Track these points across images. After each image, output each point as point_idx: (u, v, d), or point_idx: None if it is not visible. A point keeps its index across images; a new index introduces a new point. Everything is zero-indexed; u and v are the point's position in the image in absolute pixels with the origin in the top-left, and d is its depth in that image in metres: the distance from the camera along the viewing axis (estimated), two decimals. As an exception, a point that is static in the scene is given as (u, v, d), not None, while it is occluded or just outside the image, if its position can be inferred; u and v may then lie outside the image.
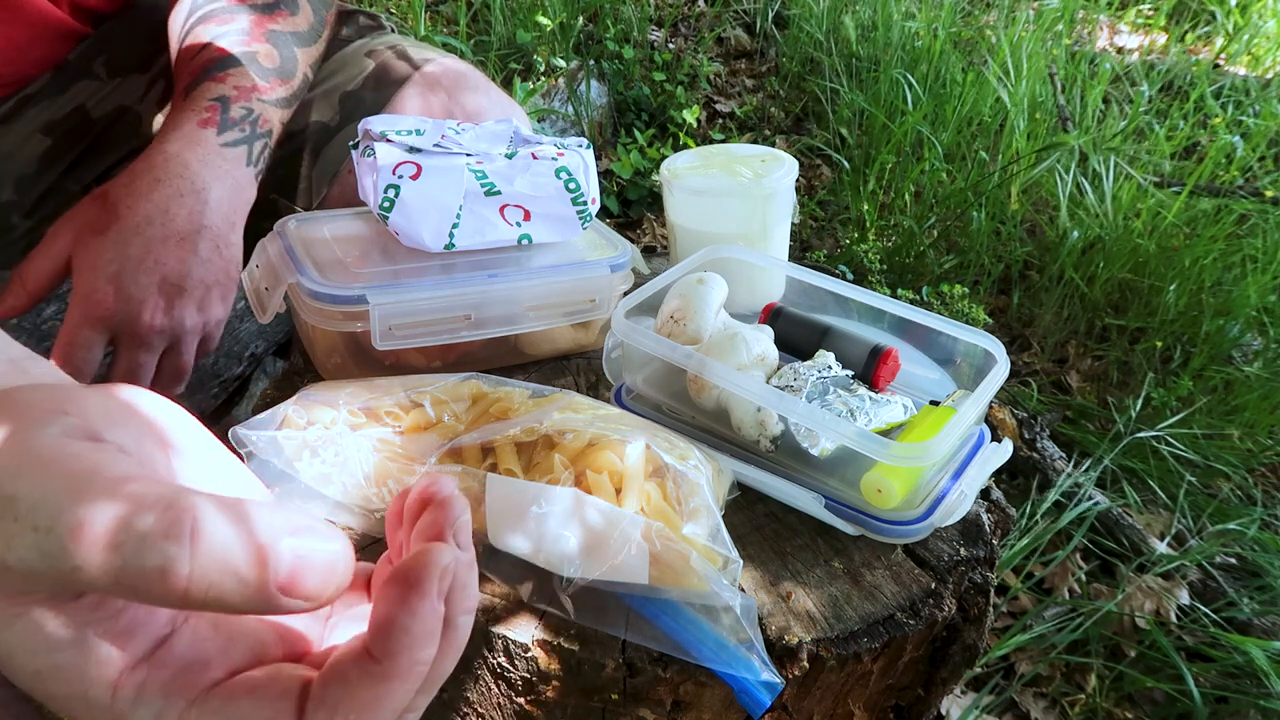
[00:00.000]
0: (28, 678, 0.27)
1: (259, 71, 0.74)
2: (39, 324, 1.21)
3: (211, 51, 0.74)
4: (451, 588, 0.28)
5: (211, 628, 0.30)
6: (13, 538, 0.25)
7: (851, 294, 0.71)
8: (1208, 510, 1.42)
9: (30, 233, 0.87)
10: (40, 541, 0.25)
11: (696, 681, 0.50)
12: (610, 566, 0.49)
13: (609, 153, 2.20)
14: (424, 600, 0.27)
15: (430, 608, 0.27)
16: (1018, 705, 1.16)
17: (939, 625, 0.56)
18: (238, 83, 0.72)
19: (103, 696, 0.27)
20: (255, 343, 1.48)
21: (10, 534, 0.25)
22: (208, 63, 0.73)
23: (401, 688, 0.27)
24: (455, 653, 0.30)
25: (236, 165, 0.71)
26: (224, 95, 0.71)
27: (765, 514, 0.61)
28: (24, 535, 0.25)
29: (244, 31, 0.75)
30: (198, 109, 0.70)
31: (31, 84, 0.85)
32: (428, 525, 0.30)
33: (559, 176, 0.73)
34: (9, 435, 0.27)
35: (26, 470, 0.26)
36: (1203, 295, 1.79)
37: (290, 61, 0.77)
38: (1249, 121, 2.34)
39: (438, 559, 0.28)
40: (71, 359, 0.63)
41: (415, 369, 0.70)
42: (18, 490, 0.26)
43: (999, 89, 2.13)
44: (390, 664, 0.27)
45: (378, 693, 0.27)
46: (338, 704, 0.27)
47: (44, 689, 0.27)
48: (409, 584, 0.27)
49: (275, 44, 0.77)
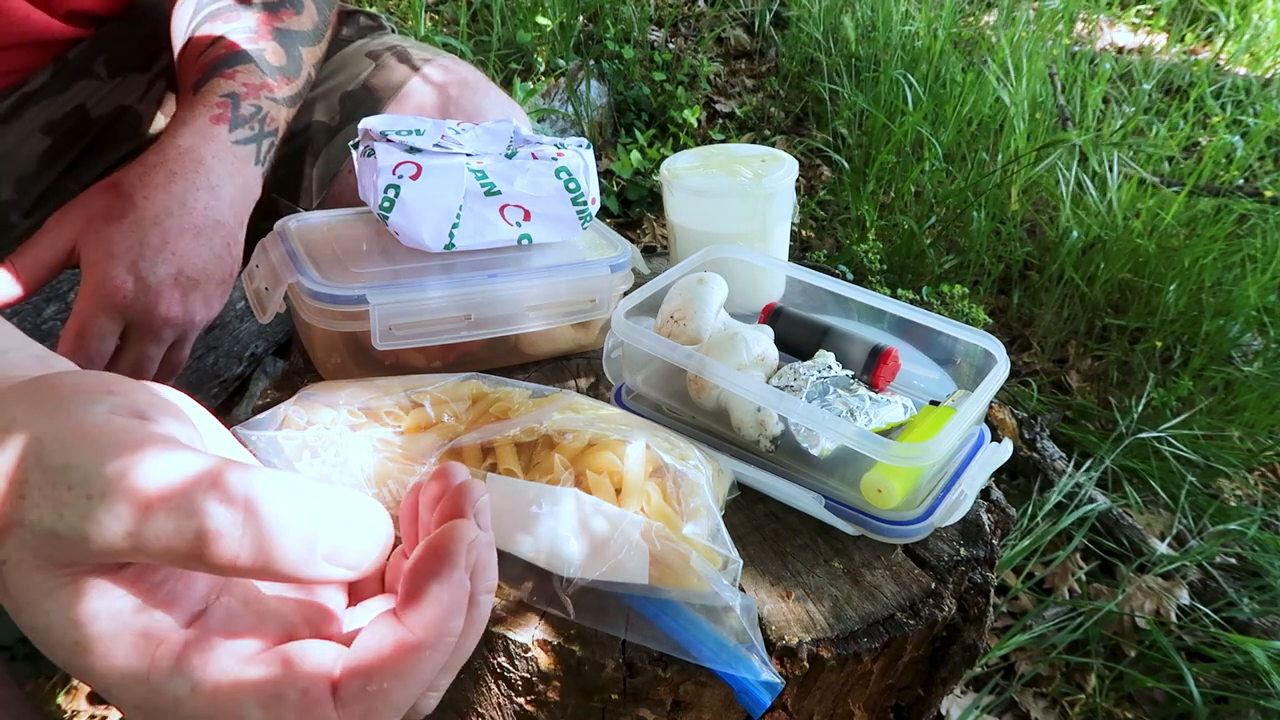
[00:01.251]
0: (66, 651, 0.27)
1: (267, 69, 0.74)
2: (39, 324, 1.21)
3: (220, 47, 0.73)
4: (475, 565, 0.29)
5: (243, 604, 0.31)
6: (65, 506, 0.26)
7: (851, 294, 0.70)
8: (1208, 510, 1.42)
9: (30, 232, 0.87)
10: (94, 508, 0.26)
11: (696, 681, 0.50)
12: (610, 566, 0.49)
13: (609, 153, 2.20)
14: (454, 570, 0.28)
15: (460, 577, 0.29)
16: (1018, 705, 1.16)
17: (939, 625, 0.56)
18: (247, 80, 0.72)
19: (140, 668, 0.28)
20: (255, 343, 1.48)
21: (63, 502, 0.26)
22: (217, 59, 0.73)
23: (431, 657, 0.28)
24: (477, 631, 0.31)
25: (246, 164, 0.71)
26: (234, 92, 0.71)
27: (765, 514, 0.61)
28: (77, 503, 0.26)
29: (251, 29, 0.75)
30: (209, 104, 0.70)
31: (31, 82, 0.85)
32: (449, 507, 0.31)
33: (559, 176, 0.73)
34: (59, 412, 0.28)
35: (79, 442, 0.27)
36: (1203, 295, 1.79)
37: (296, 60, 0.77)
38: (1249, 121, 2.34)
39: (464, 533, 0.29)
40: (84, 348, 0.62)
41: (415, 369, 0.70)
42: (70, 460, 0.27)
43: (998, 89, 2.13)
44: (422, 632, 0.28)
45: (409, 661, 0.28)
46: (371, 672, 0.28)
47: (81, 662, 0.27)
48: (439, 556, 0.29)
49: (281, 42, 0.77)
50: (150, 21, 0.88)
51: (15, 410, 0.29)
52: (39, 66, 0.85)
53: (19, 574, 0.27)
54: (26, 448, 0.27)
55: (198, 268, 0.66)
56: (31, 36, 0.81)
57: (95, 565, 0.27)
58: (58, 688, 1.04)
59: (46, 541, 0.26)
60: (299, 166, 0.87)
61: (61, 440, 0.27)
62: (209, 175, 0.67)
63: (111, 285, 0.62)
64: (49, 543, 0.26)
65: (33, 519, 0.26)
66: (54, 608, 0.27)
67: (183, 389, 0.34)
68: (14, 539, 0.27)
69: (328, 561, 0.27)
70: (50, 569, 0.27)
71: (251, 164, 0.71)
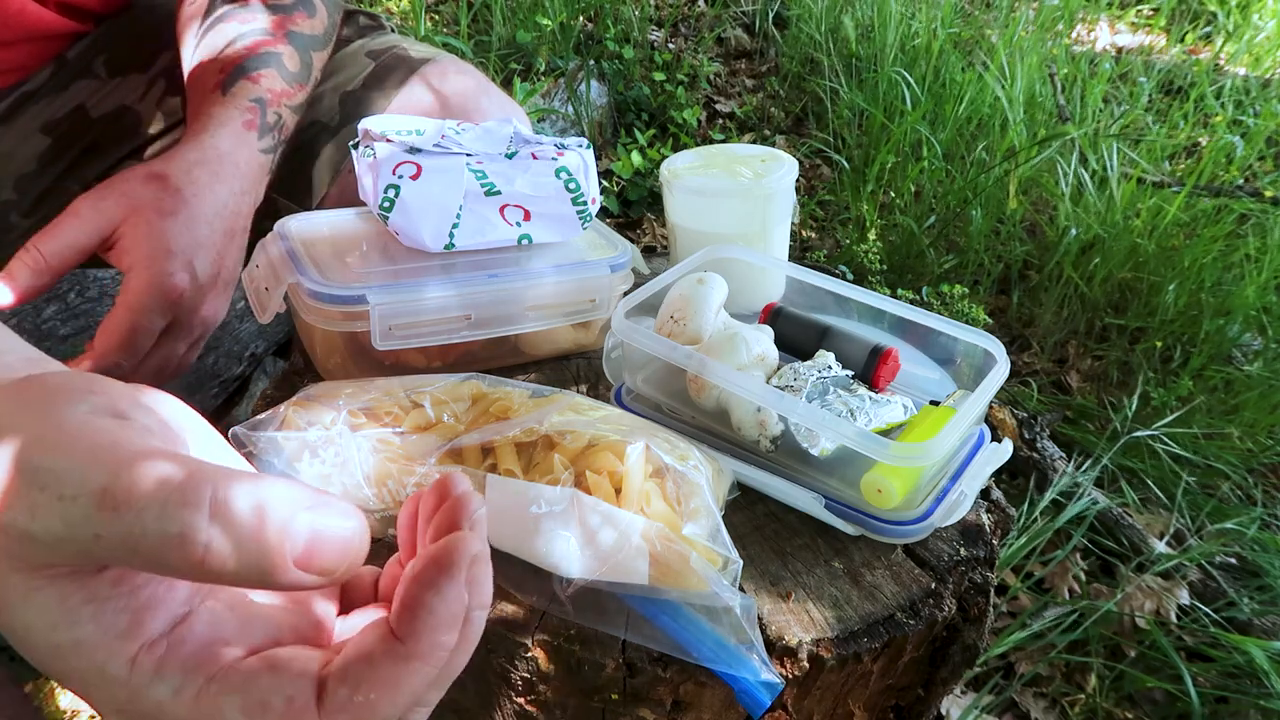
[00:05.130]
0: (46, 653, 0.27)
1: (285, 75, 0.75)
2: (39, 324, 1.21)
3: (242, 47, 0.74)
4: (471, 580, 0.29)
5: (228, 609, 0.31)
6: (38, 507, 0.26)
7: (851, 294, 0.70)
8: (1206, 509, 1.42)
9: (29, 232, 0.87)
10: (66, 509, 0.26)
11: (696, 681, 0.51)
12: (610, 567, 0.49)
13: (609, 153, 2.20)
14: (453, 584, 0.28)
15: (458, 592, 0.28)
16: (1018, 705, 1.16)
17: (939, 625, 0.56)
18: (271, 86, 0.73)
19: (121, 671, 0.27)
20: (255, 343, 1.48)
21: (36, 503, 0.26)
22: (240, 58, 0.73)
23: (422, 670, 0.28)
24: (469, 646, 0.30)
25: (264, 172, 0.72)
26: (261, 98, 0.72)
27: (765, 514, 0.61)
28: (50, 505, 0.26)
29: (266, 31, 0.76)
30: (241, 108, 0.70)
31: (31, 82, 0.85)
32: (446, 519, 0.30)
33: (559, 176, 0.73)
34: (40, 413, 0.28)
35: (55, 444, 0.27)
36: (1202, 295, 1.79)
37: (307, 66, 0.78)
38: (1249, 121, 2.34)
39: (468, 546, 0.29)
40: (134, 343, 0.61)
41: (415, 369, 0.70)
42: (44, 463, 0.26)
43: (997, 89, 2.13)
44: (414, 644, 0.28)
45: (399, 672, 0.28)
46: (360, 681, 0.27)
47: (61, 665, 0.27)
48: (440, 567, 0.28)
49: (295, 46, 0.77)
50: (150, 21, 0.88)
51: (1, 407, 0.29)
52: (38, 65, 0.85)
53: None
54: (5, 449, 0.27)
55: (230, 270, 0.67)
56: (28, 31, 0.81)
57: (72, 568, 0.27)
58: (58, 688, 1.04)
59: (21, 543, 0.26)
60: (299, 166, 0.87)
61: (39, 441, 0.27)
62: (242, 181, 0.68)
63: (170, 282, 0.61)
64: (24, 544, 0.26)
65: (6, 520, 0.26)
66: (31, 611, 0.27)
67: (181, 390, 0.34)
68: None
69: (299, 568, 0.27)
70: (27, 571, 0.26)
71: (266, 172, 0.72)
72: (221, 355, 1.43)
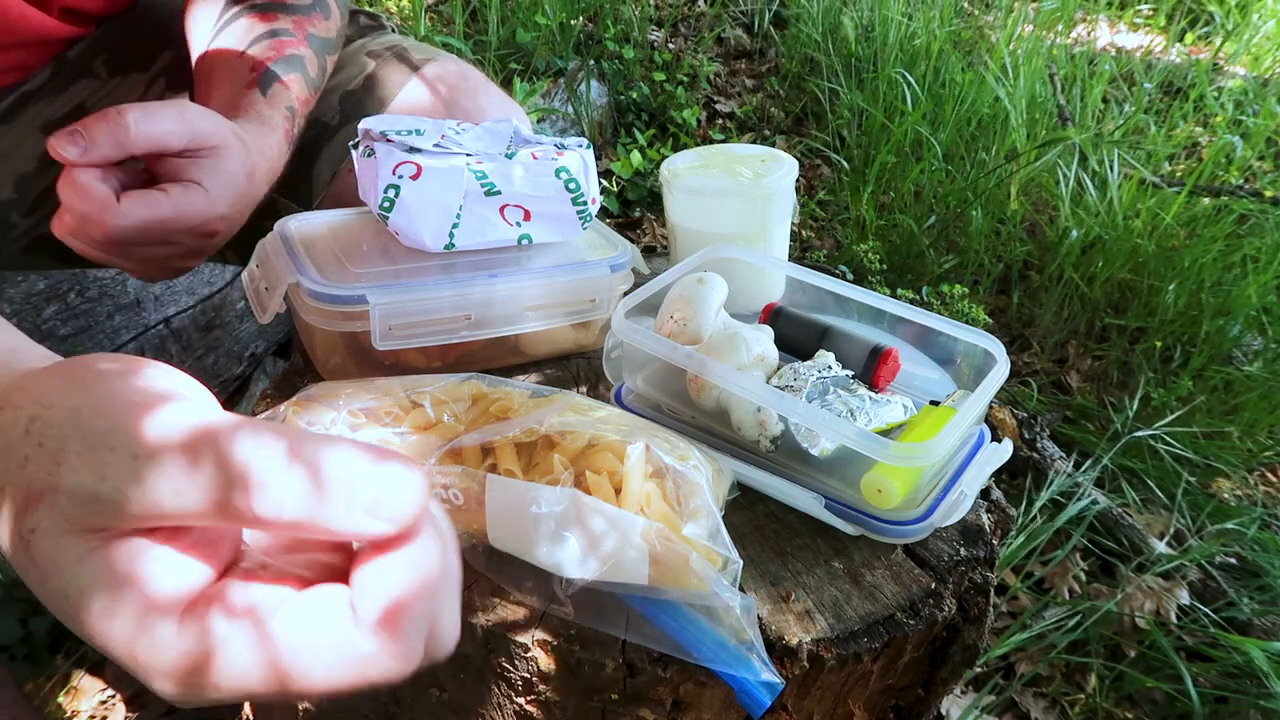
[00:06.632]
0: (95, 614, 0.28)
1: (307, 81, 0.75)
2: (39, 324, 1.21)
3: (270, 47, 0.74)
4: None
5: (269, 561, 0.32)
6: (108, 468, 0.27)
7: (851, 294, 0.70)
8: (1206, 510, 1.42)
9: (30, 232, 0.87)
10: (141, 467, 0.27)
11: (696, 681, 0.51)
12: (610, 567, 0.49)
13: (609, 153, 2.21)
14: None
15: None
16: (1018, 705, 1.16)
17: (939, 625, 0.56)
18: (298, 94, 0.74)
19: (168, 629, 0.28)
20: (255, 343, 1.48)
21: (105, 464, 0.27)
22: (269, 59, 0.73)
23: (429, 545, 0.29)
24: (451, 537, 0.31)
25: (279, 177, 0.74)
26: (292, 106, 0.73)
27: (765, 514, 0.61)
28: (122, 464, 0.27)
29: (289, 32, 0.76)
30: (280, 114, 0.72)
31: (31, 82, 0.85)
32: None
33: (559, 176, 0.73)
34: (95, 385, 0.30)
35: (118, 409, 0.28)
36: (1202, 295, 1.79)
37: (321, 70, 0.78)
38: (1249, 121, 2.34)
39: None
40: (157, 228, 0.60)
41: (415, 369, 0.70)
42: (113, 423, 0.28)
43: (997, 89, 2.13)
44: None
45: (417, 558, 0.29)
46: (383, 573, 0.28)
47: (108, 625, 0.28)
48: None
49: (314, 50, 0.77)
50: (150, 21, 0.88)
51: (48, 386, 0.30)
52: (38, 66, 0.85)
53: (48, 540, 0.27)
54: (63, 418, 0.28)
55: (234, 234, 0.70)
56: (28, 35, 0.81)
57: (128, 529, 0.28)
58: (58, 688, 1.04)
59: (84, 505, 0.27)
60: (299, 166, 0.87)
61: (101, 408, 0.28)
62: (270, 178, 0.71)
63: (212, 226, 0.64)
64: (86, 506, 0.27)
65: (71, 484, 0.27)
66: (84, 572, 0.27)
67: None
68: (46, 506, 0.27)
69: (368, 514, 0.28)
70: (82, 534, 0.27)
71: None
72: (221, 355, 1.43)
